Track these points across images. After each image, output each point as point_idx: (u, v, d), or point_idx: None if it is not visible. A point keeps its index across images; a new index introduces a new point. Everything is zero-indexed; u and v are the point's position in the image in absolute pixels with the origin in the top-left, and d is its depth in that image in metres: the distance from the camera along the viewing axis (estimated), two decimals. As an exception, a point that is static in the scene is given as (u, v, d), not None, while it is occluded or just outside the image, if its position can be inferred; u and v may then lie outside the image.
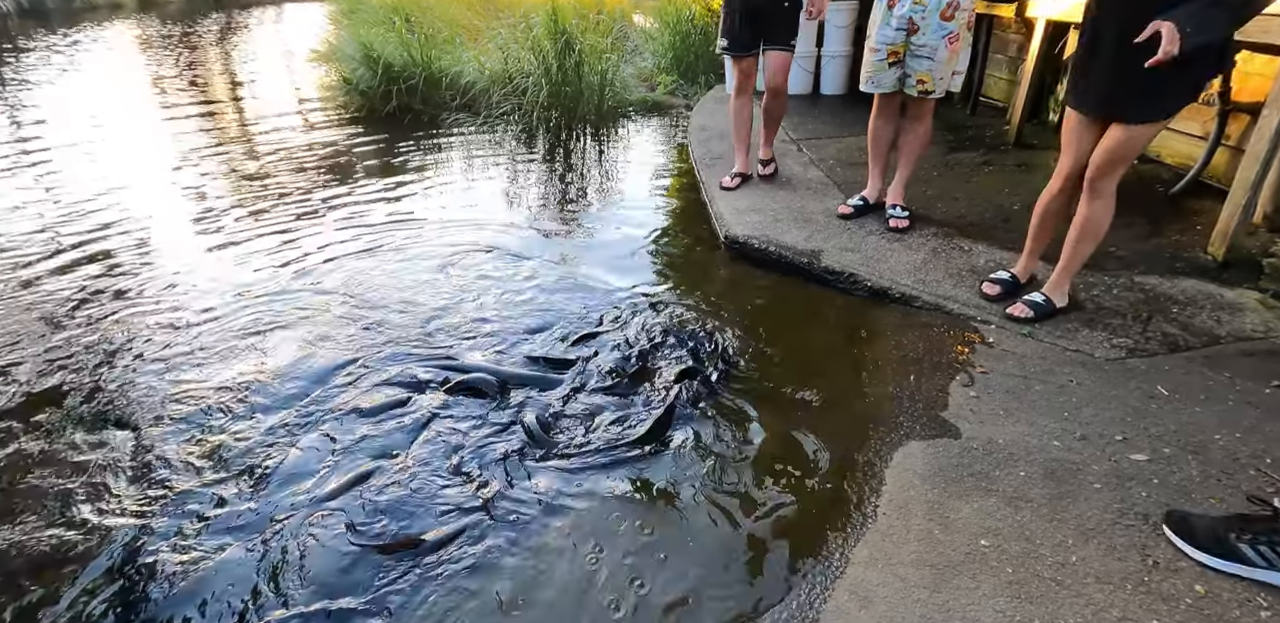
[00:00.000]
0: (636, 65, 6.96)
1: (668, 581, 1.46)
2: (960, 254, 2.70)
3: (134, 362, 2.25)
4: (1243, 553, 1.32)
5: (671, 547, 1.54)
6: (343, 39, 6.50)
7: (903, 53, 2.70)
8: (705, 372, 2.12)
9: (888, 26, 2.67)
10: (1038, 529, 1.47)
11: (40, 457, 1.83)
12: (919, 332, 2.28)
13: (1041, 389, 1.93)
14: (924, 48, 2.65)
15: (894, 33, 2.67)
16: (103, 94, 6.48)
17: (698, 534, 1.58)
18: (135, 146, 4.82)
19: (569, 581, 1.47)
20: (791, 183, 3.55)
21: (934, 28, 2.60)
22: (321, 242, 3.17)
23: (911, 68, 2.71)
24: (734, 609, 1.39)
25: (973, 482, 1.61)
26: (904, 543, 1.45)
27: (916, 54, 2.68)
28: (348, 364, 2.22)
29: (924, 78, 2.71)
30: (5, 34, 10.32)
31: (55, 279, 2.81)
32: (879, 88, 2.82)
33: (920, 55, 2.67)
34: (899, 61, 2.73)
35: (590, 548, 1.54)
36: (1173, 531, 1.42)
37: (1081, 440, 1.72)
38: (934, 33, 2.61)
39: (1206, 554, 1.36)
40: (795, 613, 1.33)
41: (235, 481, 1.75)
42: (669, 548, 1.54)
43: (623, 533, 1.58)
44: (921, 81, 2.72)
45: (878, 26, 2.70)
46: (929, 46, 2.64)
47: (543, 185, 4.09)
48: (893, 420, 1.86)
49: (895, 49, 2.70)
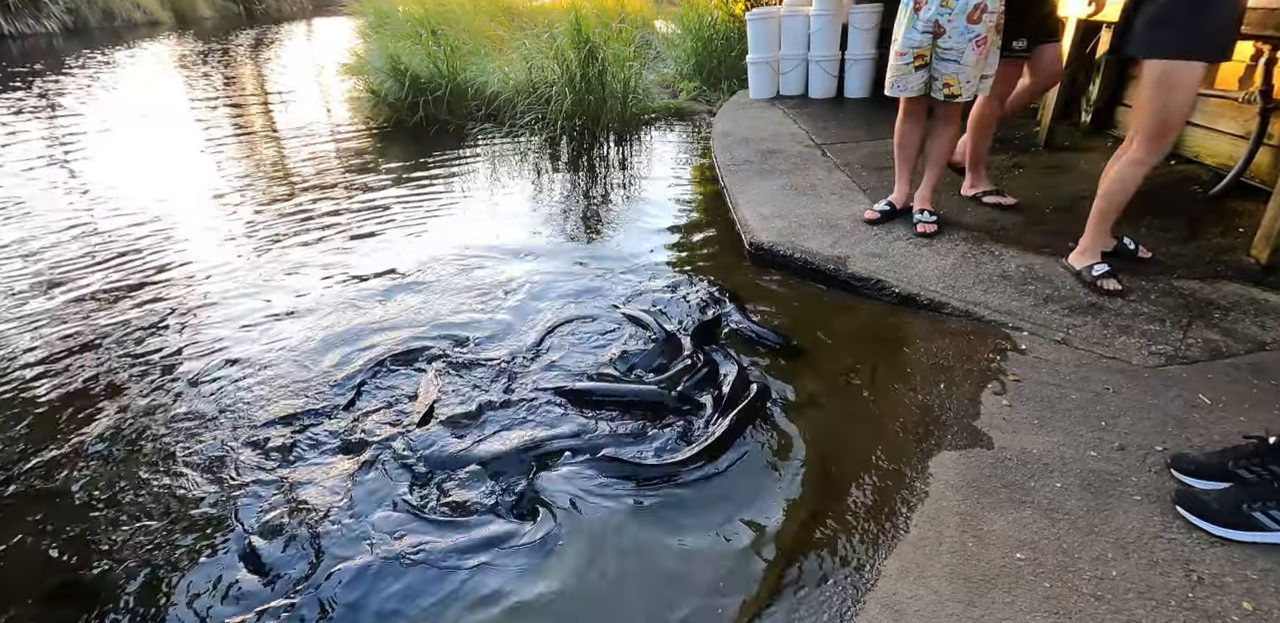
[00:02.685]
0: (658, 72, 6.99)
1: (695, 589, 1.46)
2: (990, 259, 2.65)
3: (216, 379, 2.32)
4: (1257, 520, 1.35)
5: (700, 556, 1.54)
6: (371, 52, 6.64)
7: (929, 56, 2.68)
8: (756, 388, 2.05)
9: (913, 30, 2.65)
10: (1075, 542, 1.43)
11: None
12: (949, 338, 2.24)
13: (1077, 398, 1.88)
14: (950, 51, 2.62)
15: (920, 36, 2.64)
16: (142, 111, 6.70)
17: (726, 543, 1.57)
18: (174, 161, 4.97)
19: (598, 586, 1.47)
20: (816, 188, 3.53)
21: (960, 30, 2.57)
22: (357, 251, 3.24)
23: (938, 71, 2.69)
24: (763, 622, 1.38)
25: (1007, 493, 1.58)
26: (936, 555, 1.43)
27: (943, 57, 2.65)
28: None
29: (950, 81, 2.68)
30: (51, 53, 10.74)
31: (104, 291, 2.91)
32: (904, 92, 2.80)
33: (946, 58, 2.64)
34: (925, 65, 2.70)
35: (620, 554, 1.54)
36: (1185, 509, 1.45)
37: (1120, 451, 1.68)
38: (960, 35, 2.58)
39: (1223, 528, 1.38)
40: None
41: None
42: (698, 557, 1.54)
43: (654, 541, 1.58)
44: (948, 85, 2.69)
45: (903, 30, 2.68)
46: (955, 49, 2.61)
47: (567, 193, 4.13)
48: (923, 429, 1.83)
49: (921, 52, 2.67)
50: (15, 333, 2.56)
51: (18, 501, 1.77)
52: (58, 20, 12.88)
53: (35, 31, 12.44)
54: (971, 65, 2.63)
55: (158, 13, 15.86)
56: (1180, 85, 2.01)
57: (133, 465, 1.88)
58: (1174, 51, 1.98)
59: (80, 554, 1.60)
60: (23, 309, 2.73)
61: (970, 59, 2.61)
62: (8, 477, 1.84)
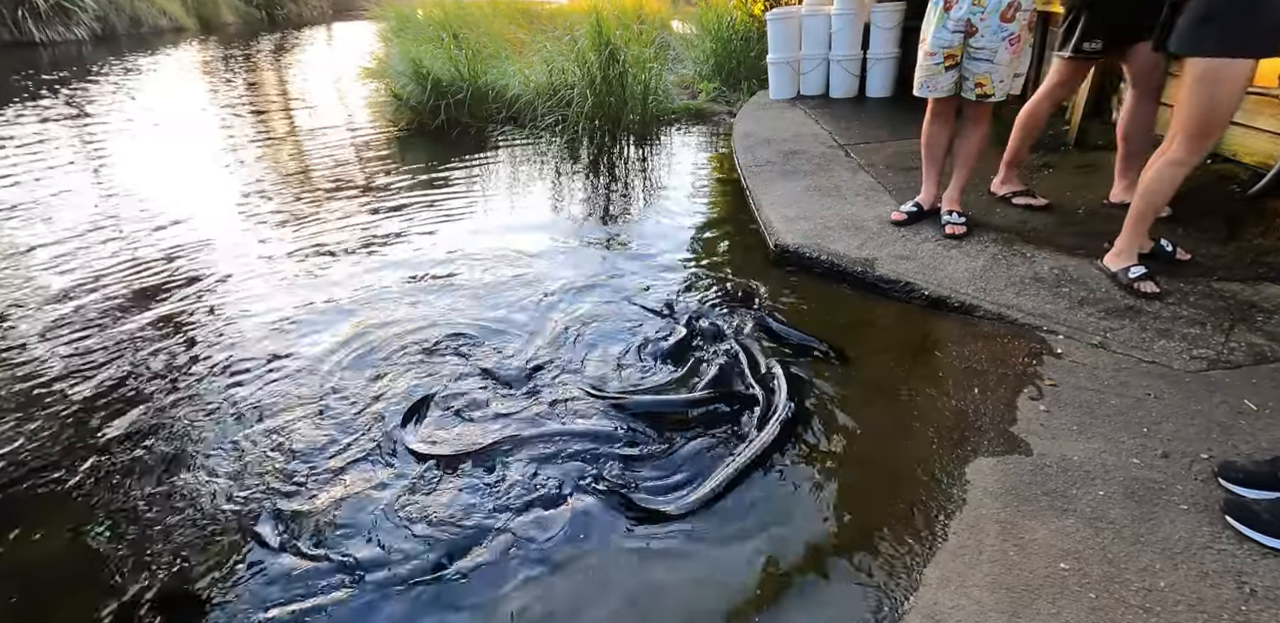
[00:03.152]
0: (677, 73, 6.98)
1: (735, 600, 1.44)
2: (1022, 261, 2.61)
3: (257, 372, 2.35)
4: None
5: (732, 562, 1.53)
6: (392, 56, 6.70)
7: (959, 56, 2.64)
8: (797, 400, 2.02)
9: (944, 29, 2.61)
10: (1121, 552, 1.40)
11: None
12: (981, 342, 2.21)
13: (1117, 403, 1.84)
14: (983, 50, 2.58)
15: (950, 35, 2.60)
16: (168, 115, 6.82)
17: (763, 552, 1.55)
18: (199, 164, 5.05)
19: (636, 591, 1.46)
20: (840, 189, 3.50)
21: (993, 29, 2.53)
22: (386, 254, 3.27)
23: (969, 70, 2.65)
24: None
25: (1048, 501, 1.55)
26: (976, 564, 1.41)
27: (975, 56, 2.61)
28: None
29: (983, 81, 2.64)
30: (80, 60, 10.97)
31: (136, 294, 2.96)
32: (934, 92, 2.76)
33: (979, 58, 2.60)
34: (956, 65, 2.66)
35: (652, 557, 1.54)
36: (1235, 519, 1.42)
37: (1164, 458, 1.64)
38: (993, 34, 2.54)
39: (1275, 538, 1.36)
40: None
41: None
42: (729, 562, 1.52)
43: (688, 548, 1.57)
44: (980, 85, 2.65)
45: (933, 29, 2.64)
46: (988, 48, 2.57)
47: (589, 196, 4.13)
48: (958, 435, 1.80)
49: (952, 52, 2.64)
50: (48, 334, 2.60)
51: (50, 499, 1.80)
52: (87, 27, 13.14)
53: (66, 39, 12.70)
54: (1005, 64, 2.59)
55: (183, 19, 16.13)
56: (1226, 83, 1.96)
57: (168, 462, 1.91)
58: (1220, 48, 1.92)
59: (128, 553, 1.63)
60: (53, 311, 2.78)
61: (1004, 58, 2.57)
62: (45, 474, 1.87)
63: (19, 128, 6.02)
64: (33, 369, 2.38)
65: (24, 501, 1.80)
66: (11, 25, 12.10)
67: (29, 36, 12.18)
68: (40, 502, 1.79)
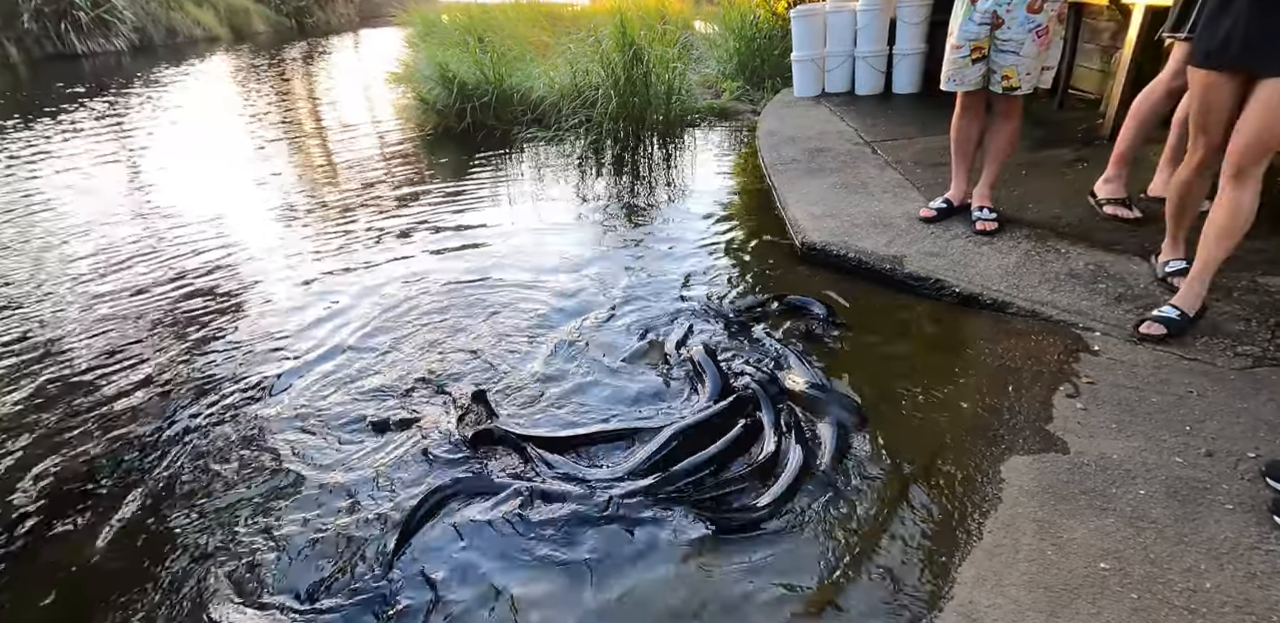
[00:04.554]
0: (701, 72, 6.97)
1: (771, 600, 1.44)
2: (1056, 257, 2.56)
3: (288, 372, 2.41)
4: None
5: (775, 567, 1.52)
6: (419, 61, 6.80)
7: (987, 48, 2.60)
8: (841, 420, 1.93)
9: (970, 22, 2.57)
10: (1163, 552, 1.37)
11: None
12: (1015, 340, 2.17)
13: (1158, 401, 1.80)
14: (1009, 42, 2.54)
15: (977, 28, 2.57)
16: (204, 122, 7.01)
17: (796, 553, 1.55)
18: (234, 169, 5.18)
19: (682, 598, 1.47)
20: (868, 186, 3.46)
21: (1020, 21, 2.50)
22: (410, 256, 3.32)
23: (996, 63, 2.61)
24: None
25: (1086, 500, 1.52)
26: (1013, 563, 1.39)
27: (1001, 49, 2.57)
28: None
29: (1009, 74, 2.60)
30: (120, 70, 11.32)
31: (172, 298, 3.05)
32: (961, 85, 2.72)
33: (1006, 50, 2.56)
34: (983, 58, 2.63)
35: (687, 558, 1.54)
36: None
37: (1207, 457, 1.60)
38: (1020, 26, 2.50)
39: None
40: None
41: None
42: (772, 569, 1.52)
43: (725, 547, 1.57)
44: (1007, 77, 2.61)
45: (960, 22, 2.61)
46: (1014, 41, 2.53)
47: (613, 196, 4.15)
48: (993, 434, 1.78)
49: (979, 45, 2.60)
50: (89, 335, 2.69)
51: (96, 492, 1.87)
52: (126, 39, 13.55)
53: (106, 50, 13.12)
54: (1032, 57, 2.55)
55: (216, 29, 16.54)
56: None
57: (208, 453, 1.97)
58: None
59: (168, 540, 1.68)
60: (93, 313, 2.88)
61: (1030, 50, 2.53)
62: (87, 471, 1.94)
63: (63, 135, 6.24)
64: (74, 365, 2.47)
65: (69, 500, 1.87)
66: (55, 38, 12.53)
67: (71, 48, 12.60)
68: (86, 500, 1.86)
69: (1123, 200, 2.85)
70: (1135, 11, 3.45)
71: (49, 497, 1.85)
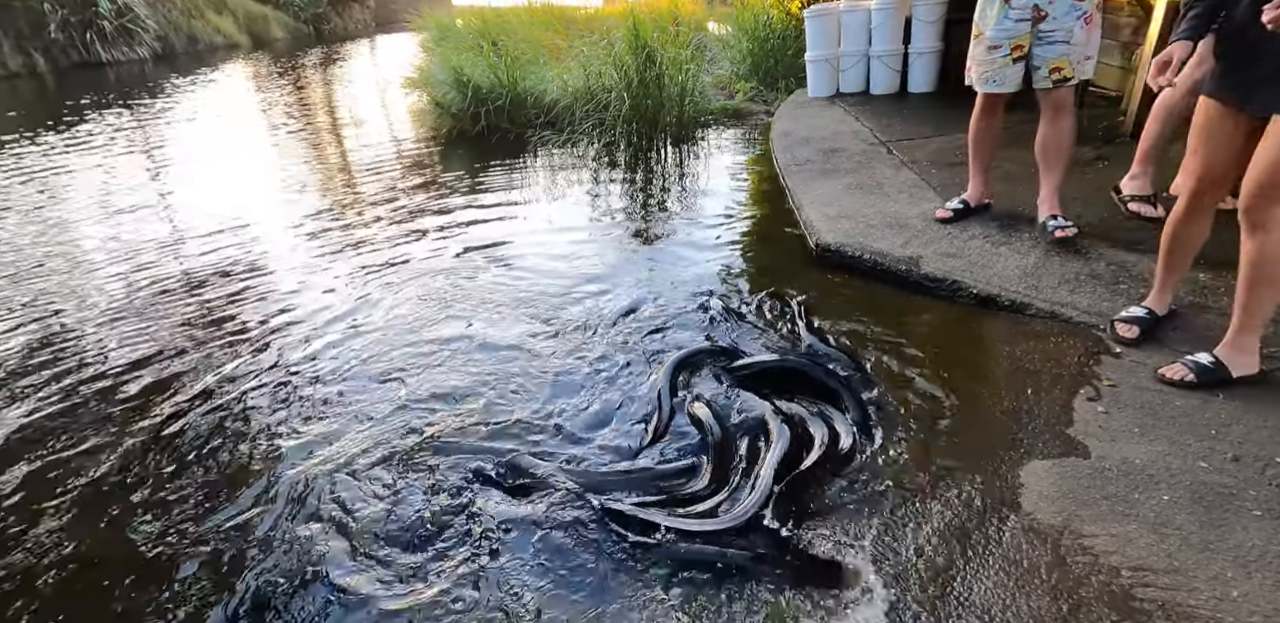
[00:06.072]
0: (714, 73, 6.96)
1: (771, 608, 1.43)
2: (1076, 257, 2.52)
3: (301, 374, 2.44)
4: None
5: (774, 574, 1.51)
6: (434, 65, 6.86)
7: (1028, 45, 2.50)
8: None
9: (1006, 19, 2.47)
10: (1188, 560, 1.34)
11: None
12: (1034, 341, 2.14)
13: (1181, 405, 1.77)
14: (1055, 33, 2.44)
15: (1015, 25, 2.47)
16: (221, 127, 7.12)
17: (810, 547, 1.54)
18: (255, 173, 5.26)
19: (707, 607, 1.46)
20: (883, 187, 3.44)
21: (1065, 10, 2.41)
22: (423, 256, 3.35)
23: (1041, 57, 2.50)
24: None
25: (1108, 505, 1.49)
26: (1034, 571, 1.37)
27: (1048, 41, 2.46)
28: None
29: (1060, 65, 2.48)
30: (143, 77, 11.55)
31: (192, 296, 3.10)
32: (1002, 87, 2.61)
33: (1054, 41, 2.46)
34: (1024, 56, 2.53)
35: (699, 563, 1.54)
36: None
37: (1234, 462, 1.57)
38: (1066, 15, 2.42)
39: None
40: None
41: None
42: (771, 575, 1.51)
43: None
44: (1058, 68, 2.48)
45: (993, 21, 2.50)
46: (1062, 30, 2.43)
47: (627, 198, 4.15)
48: (1011, 437, 1.75)
49: (1020, 43, 2.50)
50: (113, 339, 2.75)
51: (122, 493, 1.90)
52: (148, 47, 13.82)
53: (129, 58, 13.39)
54: (1082, 44, 2.45)
55: (235, 36, 16.83)
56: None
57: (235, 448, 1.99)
58: None
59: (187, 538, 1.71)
60: (120, 316, 2.93)
61: (1080, 37, 2.44)
62: (117, 473, 1.98)
63: (77, 148, 6.37)
64: (107, 366, 2.52)
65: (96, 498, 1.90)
66: (81, 47, 12.81)
67: (96, 57, 12.88)
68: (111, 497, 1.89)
69: (1148, 198, 2.79)
70: (1157, 7, 3.39)
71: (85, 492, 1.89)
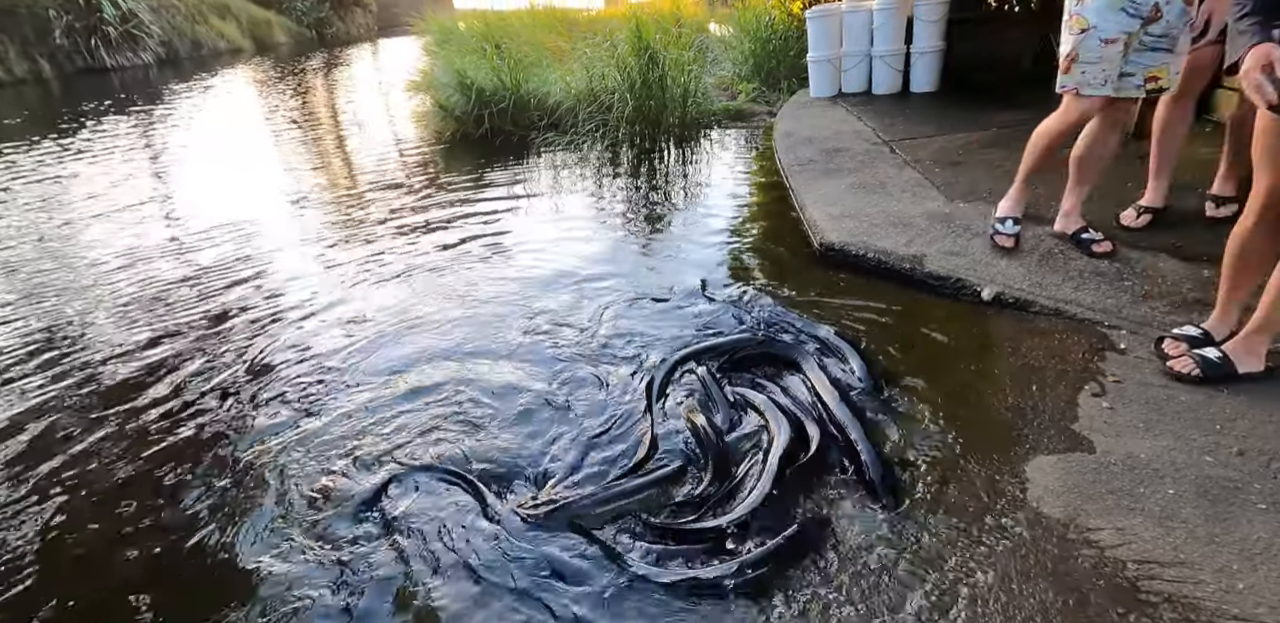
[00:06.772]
0: (716, 74, 6.98)
1: (773, 613, 1.44)
2: (1080, 255, 2.53)
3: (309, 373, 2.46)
4: None
5: (776, 574, 1.52)
6: (437, 68, 6.89)
7: (1131, 45, 2.26)
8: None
9: (1122, 13, 2.17)
10: (1194, 553, 1.35)
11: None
12: (1038, 338, 2.15)
13: (1187, 400, 1.77)
14: (1164, 39, 2.21)
15: (1129, 20, 2.18)
16: (225, 131, 7.17)
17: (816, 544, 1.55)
18: (259, 177, 5.29)
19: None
20: (886, 186, 3.45)
21: (1178, 13, 2.16)
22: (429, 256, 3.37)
23: (1138, 63, 2.26)
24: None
25: (1113, 499, 1.50)
26: (1040, 564, 1.38)
27: (1153, 47, 2.23)
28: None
29: (1158, 73, 2.26)
30: (148, 82, 11.63)
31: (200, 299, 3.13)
32: (1120, 91, 2.30)
33: (1159, 47, 2.23)
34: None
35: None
36: None
37: (1239, 456, 1.57)
38: (1177, 18, 2.17)
39: None
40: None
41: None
42: (773, 576, 1.52)
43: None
44: (1155, 78, 2.27)
45: (1108, 11, 2.19)
46: (1170, 36, 2.20)
47: (630, 198, 4.17)
48: (1016, 433, 1.76)
49: (1130, 40, 2.23)
50: (122, 343, 2.77)
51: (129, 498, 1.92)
52: (153, 52, 13.92)
53: (134, 64, 13.49)
54: (1184, 54, 2.27)
55: (239, 41, 16.95)
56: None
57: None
58: None
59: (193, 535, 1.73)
60: (127, 316, 2.96)
61: (1184, 46, 2.25)
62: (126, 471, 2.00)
63: (93, 147, 6.42)
64: (115, 370, 2.54)
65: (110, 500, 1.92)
66: (85, 53, 12.91)
67: (100, 63, 12.98)
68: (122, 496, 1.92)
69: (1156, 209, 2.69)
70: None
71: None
